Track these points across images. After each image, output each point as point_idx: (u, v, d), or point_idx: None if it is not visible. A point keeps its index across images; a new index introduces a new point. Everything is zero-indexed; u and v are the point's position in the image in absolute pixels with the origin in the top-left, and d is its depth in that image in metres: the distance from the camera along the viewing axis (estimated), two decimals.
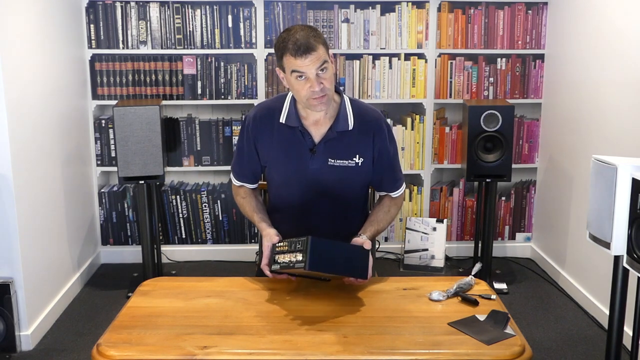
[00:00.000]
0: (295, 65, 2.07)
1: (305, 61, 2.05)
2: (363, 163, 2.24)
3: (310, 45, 2.04)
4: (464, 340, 1.80)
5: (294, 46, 2.05)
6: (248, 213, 2.37)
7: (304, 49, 2.04)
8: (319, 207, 2.27)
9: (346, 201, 2.30)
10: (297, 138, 2.22)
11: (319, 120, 2.22)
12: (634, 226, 2.13)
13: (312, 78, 2.07)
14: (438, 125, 4.41)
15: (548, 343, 3.38)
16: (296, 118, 2.21)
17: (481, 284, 2.16)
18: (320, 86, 2.08)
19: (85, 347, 3.30)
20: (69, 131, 3.92)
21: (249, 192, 2.41)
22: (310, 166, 2.22)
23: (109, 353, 1.75)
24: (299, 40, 2.05)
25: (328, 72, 2.10)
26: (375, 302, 2.04)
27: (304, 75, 2.08)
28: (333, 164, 2.22)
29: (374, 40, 4.29)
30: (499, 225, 4.56)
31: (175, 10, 4.21)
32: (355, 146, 2.23)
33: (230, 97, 4.31)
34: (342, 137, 2.22)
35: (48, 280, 3.57)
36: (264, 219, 2.31)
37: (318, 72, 2.07)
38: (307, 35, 2.06)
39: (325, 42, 2.12)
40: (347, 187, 2.27)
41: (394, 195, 2.38)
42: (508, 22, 4.31)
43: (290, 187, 2.28)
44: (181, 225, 4.47)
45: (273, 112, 2.26)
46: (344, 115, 2.22)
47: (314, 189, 2.25)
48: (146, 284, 2.19)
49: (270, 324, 1.89)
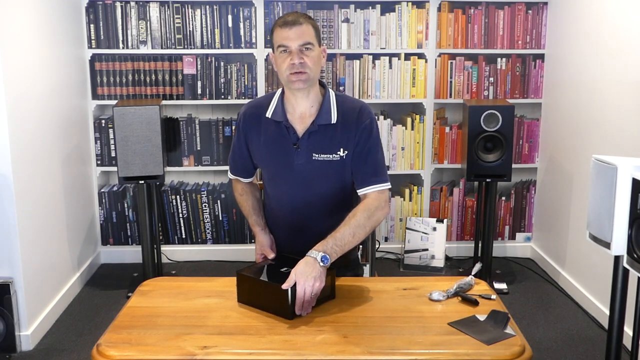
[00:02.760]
0: (280, 36, 2.14)
1: (289, 32, 2.12)
2: (347, 155, 2.22)
3: (298, 21, 2.14)
4: (464, 340, 1.80)
5: (282, 19, 2.16)
6: (245, 212, 2.44)
7: (291, 22, 2.13)
8: (309, 203, 2.26)
9: (336, 196, 2.28)
10: (282, 133, 2.23)
11: (304, 113, 2.22)
12: (634, 226, 2.13)
13: (294, 50, 2.12)
14: (438, 125, 4.41)
15: (548, 343, 3.38)
16: (282, 113, 2.23)
17: (481, 284, 2.16)
18: (300, 60, 2.12)
19: (85, 347, 3.30)
20: (69, 131, 3.92)
21: (247, 190, 2.42)
22: (296, 161, 2.22)
23: (109, 353, 1.75)
24: (290, 15, 2.17)
25: (312, 53, 2.14)
26: (375, 302, 2.04)
27: (287, 48, 2.13)
28: (317, 159, 2.21)
29: (374, 40, 4.29)
30: (499, 225, 4.56)
31: (175, 10, 4.21)
32: (338, 140, 2.21)
33: (230, 97, 4.31)
34: (326, 131, 2.21)
35: (48, 280, 3.57)
36: (258, 221, 2.37)
37: (301, 49, 2.13)
38: (299, 14, 2.18)
39: (316, 27, 2.19)
40: (334, 181, 2.26)
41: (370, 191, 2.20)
42: (508, 22, 4.31)
43: (279, 183, 2.29)
44: (181, 225, 4.47)
45: (261, 108, 2.28)
46: (327, 108, 2.22)
47: (302, 185, 2.24)
48: (146, 284, 2.19)
49: (270, 324, 1.89)
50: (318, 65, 2.18)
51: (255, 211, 2.39)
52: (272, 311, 1.94)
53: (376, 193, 2.20)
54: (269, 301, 1.95)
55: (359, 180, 2.25)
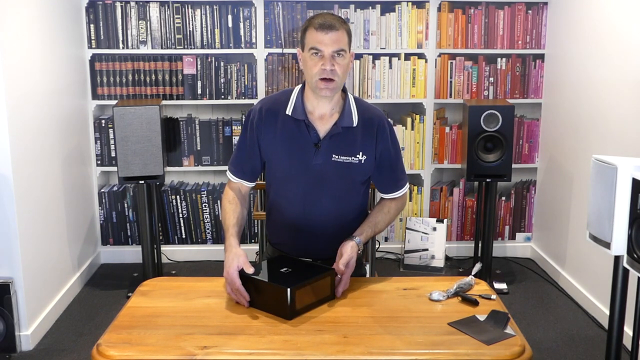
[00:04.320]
0: (315, 39, 2.13)
1: (325, 37, 2.11)
2: (366, 160, 2.24)
3: (335, 25, 2.13)
4: (464, 340, 1.80)
5: (319, 21, 2.14)
6: (227, 221, 2.25)
7: (327, 25, 2.12)
8: (320, 204, 2.26)
9: (347, 198, 2.29)
10: (302, 132, 2.22)
11: (325, 115, 2.23)
12: (634, 226, 2.13)
13: (327, 56, 2.12)
14: (438, 125, 4.41)
15: (548, 343, 3.38)
16: (302, 111, 2.22)
17: (481, 284, 2.16)
18: (332, 66, 2.12)
19: (85, 347, 3.30)
20: (69, 131, 3.92)
21: (238, 201, 2.31)
22: (313, 161, 2.21)
23: (109, 353, 1.75)
24: (326, 18, 2.15)
25: (343, 60, 2.15)
26: (375, 302, 2.04)
27: (320, 52, 2.13)
28: (337, 160, 2.22)
29: (374, 40, 4.29)
30: (499, 225, 4.56)
31: (175, 10, 4.21)
32: (358, 143, 2.24)
33: (230, 97, 4.31)
34: (347, 133, 2.22)
35: (48, 280, 3.57)
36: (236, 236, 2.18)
37: (334, 54, 2.13)
38: (335, 18, 2.17)
39: (350, 33, 2.19)
40: (349, 183, 2.27)
41: (397, 196, 2.37)
42: (508, 22, 4.31)
43: (292, 182, 2.27)
44: (181, 225, 4.47)
45: (279, 105, 2.26)
46: (348, 111, 2.23)
47: (316, 185, 2.24)
48: (146, 284, 2.19)
49: (270, 324, 1.89)
50: (346, 73, 2.20)
51: (238, 226, 2.24)
52: (272, 311, 1.94)
53: (402, 195, 2.39)
54: (269, 301, 1.95)
55: (387, 187, 2.36)
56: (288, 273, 1.99)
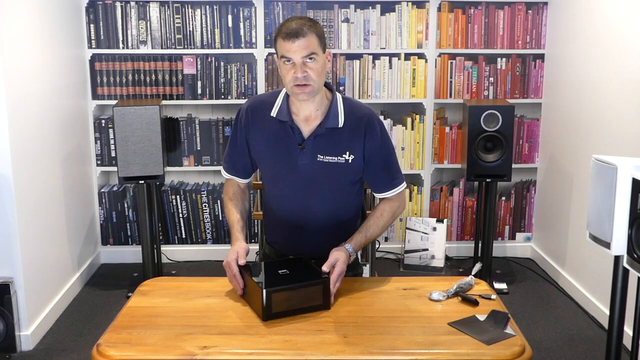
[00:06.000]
0: (283, 48, 2.11)
1: (292, 46, 2.08)
2: (353, 160, 2.22)
3: (301, 32, 2.09)
4: (464, 340, 1.80)
5: (285, 30, 2.11)
6: (231, 218, 2.31)
7: (293, 34, 2.08)
8: (310, 203, 2.26)
9: (338, 198, 2.28)
10: (287, 133, 2.23)
11: (310, 116, 2.22)
12: (634, 226, 2.13)
13: (297, 63, 2.10)
14: (438, 125, 4.41)
15: (548, 343, 3.38)
16: (287, 113, 2.22)
17: (481, 284, 2.16)
18: (303, 73, 2.10)
19: (85, 347, 3.30)
20: (69, 131, 3.92)
21: (239, 196, 2.37)
22: (299, 161, 2.21)
23: (109, 353, 1.75)
24: (292, 26, 2.10)
25: (316, 64, 2.11)
26: (375, 302, 2.04)
27: (291, 60, 2.11)
28: (322, 160, 2.21)
29: (374, 40, 4.29)
30: (499, 225, 4.56)
31: (175, 10, 4.21)
32: (345, 143, 2.22)
33: (230, 97, 4.31)
34: (332, 134, 2.21)
35: (48, 280, 3.57)
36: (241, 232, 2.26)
37: (305, 60, 2.10)
38: (301, 23, 2.12)
39: (321, 34, 2.14)
40: (338, 183, 2.26)
41: (391, 195, 2.32)
42: (508, 22, 4.31)
43: (282, 182, 2.28)
44: (181, 225, 4.47)
45: (266, 105, 2.27)
46: (334, 112, 2.22)
47: (305, 185, 2.24)
48: (146, 284, 2.19)
49: (270, 324, 1.89)
50: (322, 74, 2.16)
51: (242, 221, 2.30)
52: (253, 308, 1.96)
53: (397, 194, 2.32)
54: (252, 297, 1.98)
55: (380, 187, 2.32)
56: (282, 275, 2.00)
